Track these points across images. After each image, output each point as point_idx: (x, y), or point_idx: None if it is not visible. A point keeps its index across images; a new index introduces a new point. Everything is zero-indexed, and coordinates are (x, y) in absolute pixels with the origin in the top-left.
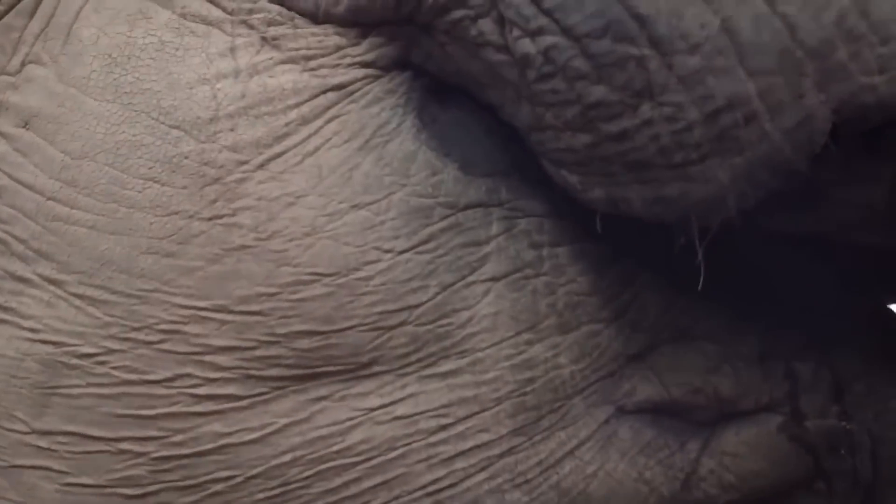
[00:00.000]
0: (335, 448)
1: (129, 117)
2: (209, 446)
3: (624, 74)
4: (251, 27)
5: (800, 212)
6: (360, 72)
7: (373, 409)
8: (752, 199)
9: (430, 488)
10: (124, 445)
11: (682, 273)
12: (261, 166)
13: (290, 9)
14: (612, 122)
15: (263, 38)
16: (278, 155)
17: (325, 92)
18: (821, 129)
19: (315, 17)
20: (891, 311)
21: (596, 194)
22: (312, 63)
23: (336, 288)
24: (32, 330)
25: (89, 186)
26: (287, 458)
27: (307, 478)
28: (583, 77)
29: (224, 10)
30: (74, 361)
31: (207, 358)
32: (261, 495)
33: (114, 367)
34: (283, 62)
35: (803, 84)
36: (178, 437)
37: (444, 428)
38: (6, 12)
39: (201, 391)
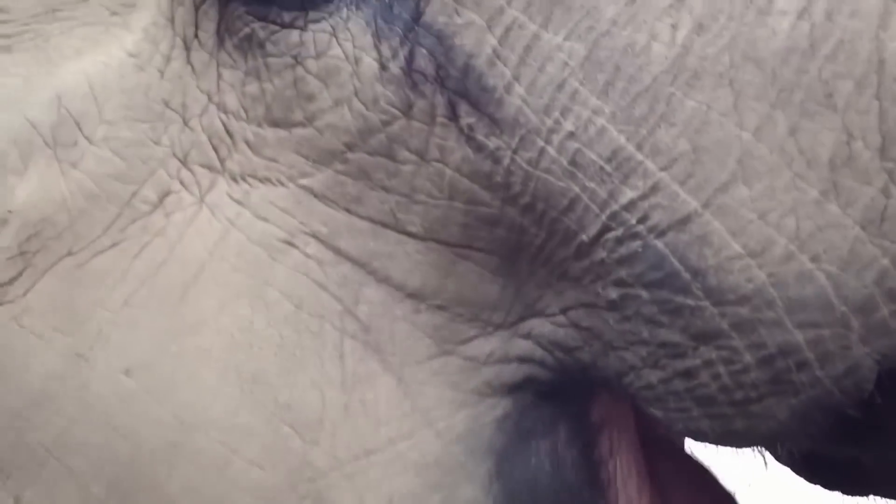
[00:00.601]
0: None
1: (247, 404)
2: None
3: (682, 320)
4: (357, 320)
5: (853, 442)
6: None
7: None
8: (810, 436)
9: None
10: None
11: None
12: (349, 476)
13: (394, 299)
14: (677, 360)
15: (366, 343)
16: (364, 469)
17: (413, 412)
18: (867, 377)
19: (417, 309)
20: None
21: (678, 427)
22: (407, 375)
23: None
24: None
25: (195, 456)
26: None
27: None
28: (651, 321)
29: (334, 296)
30: None
31: None
32: None
33: None
34: (382, 373)
35: (849, 337)
36: None
37: None
38: (107, 249)
39: None
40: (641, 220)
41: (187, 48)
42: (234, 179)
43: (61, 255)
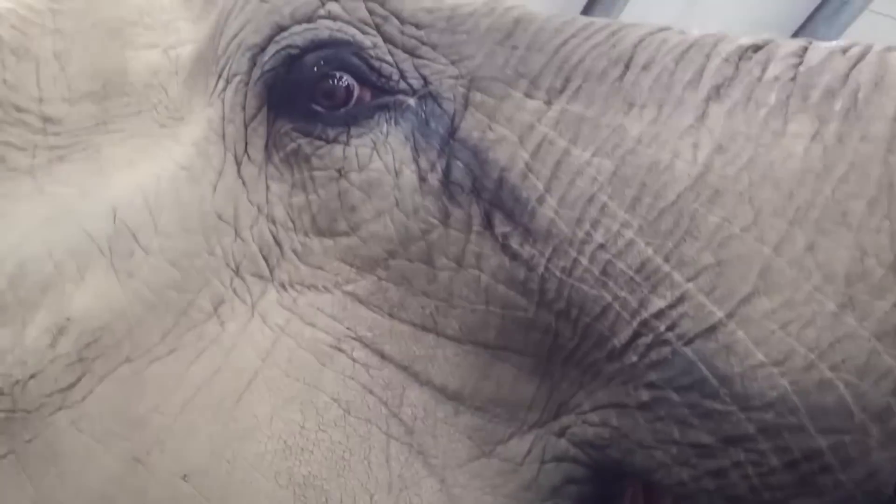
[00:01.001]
0: None
1: None
2: None
3: (712, 423)
4: (402, 422)
5: None
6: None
7: None
8: None
9: None
10: None
11: None
12: None
13: (435, 401)
14: (708, 460)
15: (410, 446)
16: None
17: None
18: (887, 481)
19: (457, 410)
20: None
21: None
22: (449, 478)
23: None
24: None
25: None
26: None
27: None
28: (682, 422)
29: (380, 399)
30: None
31: None
32: None
33: None
34: (426, 476)
35: (869, 443)
36: None
37: None
38: (164, 356)
39: None
40: (670, 328)
41: (238, 163)
42: (283, 287)
43: (119, 362)
